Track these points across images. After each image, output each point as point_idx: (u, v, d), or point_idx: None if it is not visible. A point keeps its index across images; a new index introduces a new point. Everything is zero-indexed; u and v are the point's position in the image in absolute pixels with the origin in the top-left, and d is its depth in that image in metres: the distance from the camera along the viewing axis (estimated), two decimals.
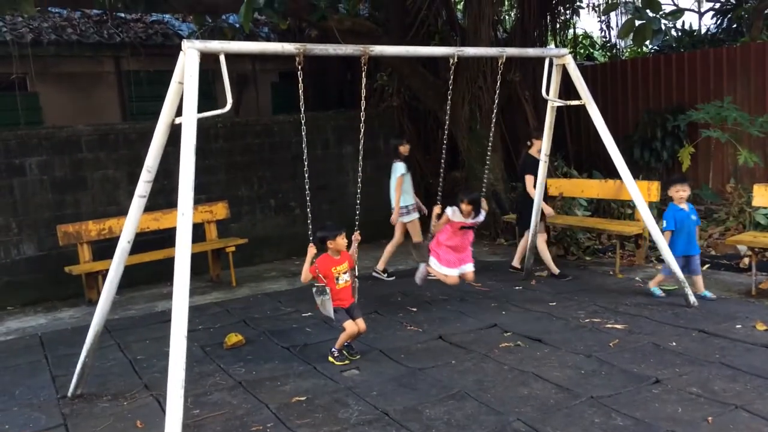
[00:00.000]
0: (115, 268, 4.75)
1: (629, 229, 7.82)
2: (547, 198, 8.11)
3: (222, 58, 4.52)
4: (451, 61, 5.60)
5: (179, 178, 4.18)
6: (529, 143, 7.76)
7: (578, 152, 11.91)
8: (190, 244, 4.07)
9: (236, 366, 5.31)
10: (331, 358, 5.21)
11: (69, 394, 4.83)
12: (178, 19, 12.63)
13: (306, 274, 5.18)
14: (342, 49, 5.01)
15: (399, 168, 8.17)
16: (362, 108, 5.26)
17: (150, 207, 8.74)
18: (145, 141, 9.21)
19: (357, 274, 5.47)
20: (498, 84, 6.38)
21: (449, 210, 6.15)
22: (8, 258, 8.04)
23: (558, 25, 13.44)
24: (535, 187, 7.41)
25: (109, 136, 8.70)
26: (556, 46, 13.14)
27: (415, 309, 6.70)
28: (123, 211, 8.80)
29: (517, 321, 6.08)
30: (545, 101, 6.74)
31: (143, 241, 8.54)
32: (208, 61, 4.51)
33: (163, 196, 9.11)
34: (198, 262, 8.91)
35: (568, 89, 6.95)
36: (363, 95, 5.26)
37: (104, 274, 7.44)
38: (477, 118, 10.49)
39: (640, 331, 5.58)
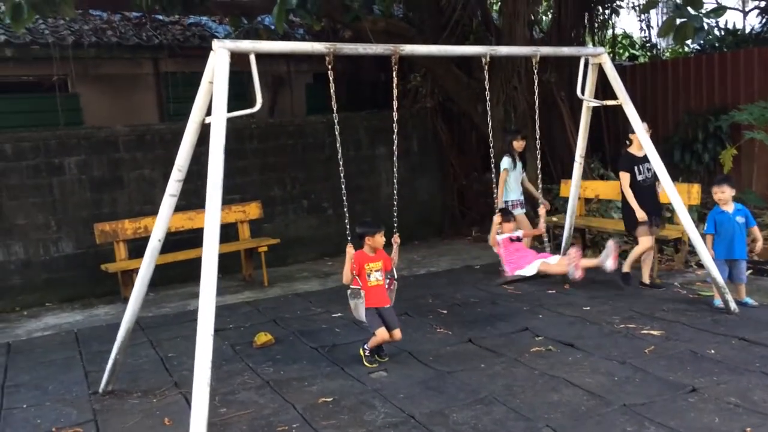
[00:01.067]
0: (146, 266, 4.80)
1: (668, 233, 7.62)
2: (582, 200, 7.94)
3: (252, 58, 4.51)
4: (484, 60, 5.53)
5: (207, 177, 4.13)
6: (627, 141, 7.10)
7: (616, 154, 11.66)
8: (217, 244, 4.05)
9: (265, 365, 5.32)
10: (361, 352, 5.20)
11: (100, 390, 4.90)
12: (214, 22, 12.77)
13: (348, 274, 5.13)
14: (372, 48, 4.98)
15: (504, 162, 7.89)
16: (394, 108, 5.20)
17: (184, 207, 8.90)
18: (180, 141, 9.44)
19: (396, 276, 5.38)
20: (535, 84, 6.24)
21: (498, 237, 6.19)
22: (47, 255, 8.21)
23: (596, 25, 13.23)
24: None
25: (145, 137, 8.84)
26: (594, 46, 12.93)
27: (445, 311, 6.63)
28: (156, 211, 8.97)
29: (549, 325, 5.96)
30: (582, 102, 6.60)
31: (177, 240, 8.69)
32: (243, 63, 4.51)
33: (197, 196, 9.21)
34: (231, 262, 9.05)
35: (605, 89, 6.81)
36: (395, 96, 5.20)
37: (136, 272, 7.62)
38: (512, 119, 10.34)
39: (677, 337, 5.42)
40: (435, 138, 11.41)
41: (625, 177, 6.91)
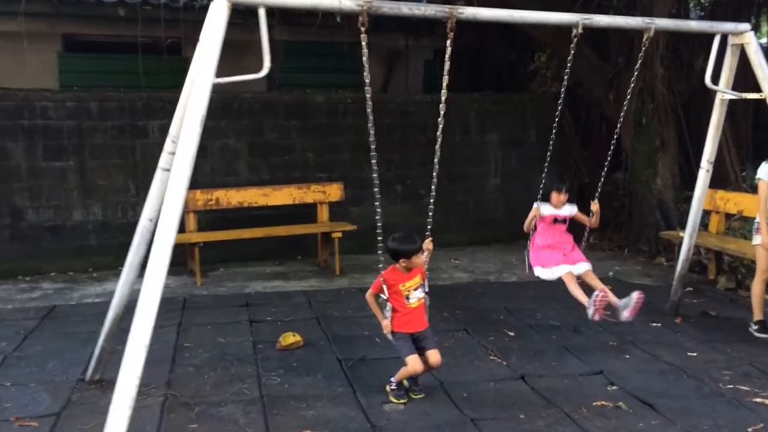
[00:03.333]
0: (135, 248, 4.27)
1: None
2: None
3: (261, 13, 3.79)
4: (574, 31, 4.40)
5: (177, 153, 3.45)
6: None
7: None
8: (173, 233, 3.37)
9: (274, 373, 4.63)
10: (388, 389, 4.27)
11: (87, 378, 4.46)
12: None
13: (370, 296, 4.30)
14: (421, 9, 4.03)
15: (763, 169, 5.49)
16: (444, 89, 4.24)
17: (263, 182, 8.47)
18: (275, 113, 9.03)
19: (428, 289, 4.44)
20: (649, 63, 4.94)
21: (537, 203, 5.46)
22: (125, 218, 8.09)
23: None
24: None
25: (232, 105, 8.45)
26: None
27: (512, 334, 5.57)
28: (240, 183, 8.63)
29: (633, 371, 4.73)
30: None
31: (255, 216, 8.27)
32: (353, 33, 3.80)
33: (283, 172, 8.75)
34: (310, 245, 8.51)
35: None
36: (446, 72, 4.24)
37: (201, 246, 7.26)
38: (647, 110, 8.81)
39: None
40: (557, 128, 10.04)
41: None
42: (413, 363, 4.13)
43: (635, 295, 4.92)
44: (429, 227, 4.41)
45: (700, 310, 6.23)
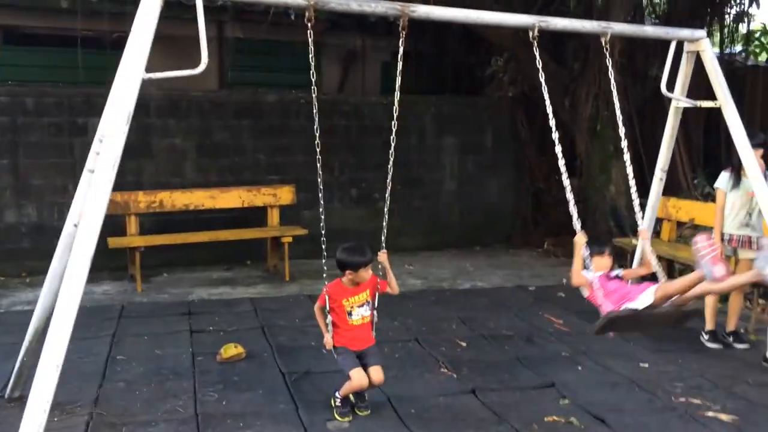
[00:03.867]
0: (59, 255, 3.94)
1: None
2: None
3: (199, 5, 3.52)
4: (531, 34, 4.27)
5: (101, 154, 3.18)
6: None
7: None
8: (94, 241, 3.08)
9: (212, 389, 4.36)
10: (332, 403, 4.03)
11: (5, 395, 4.13)
12: None
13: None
14: (371, 5, 3.83)
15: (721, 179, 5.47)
16: (397, 90, 4.06)
17: (210, 184, 8.16)
18: (223, 112, 8.69)
19: (376, 305, 4.14)
20: (610, 69, 4.78)
21: (588, 274, 4.20)
22: (62, 221, 7.61)
23: (728, 17, 11.18)
24: None
25: (180, 103, 8.12)
26: (723, 41, 10.96)
27: (464, 344, 5.41)
28: (187, 184, 8.29)
29: (586, 384, 4.61)
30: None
31: (204, 219, 7.97)
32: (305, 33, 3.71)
33: (232, 174, 8.45)
34: (260, 249, 8.22)
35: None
36: (399, 72, 4.05)
37: (142, 251, 6.92)
38: (601, 117, 8.78)
39: (755, 430, 3.93)
40: (513, 133, 10.01)
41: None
42: (357, 378, 3.90)
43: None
44: (384, 237, 4.18)
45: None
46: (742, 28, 11.45)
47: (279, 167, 8.65)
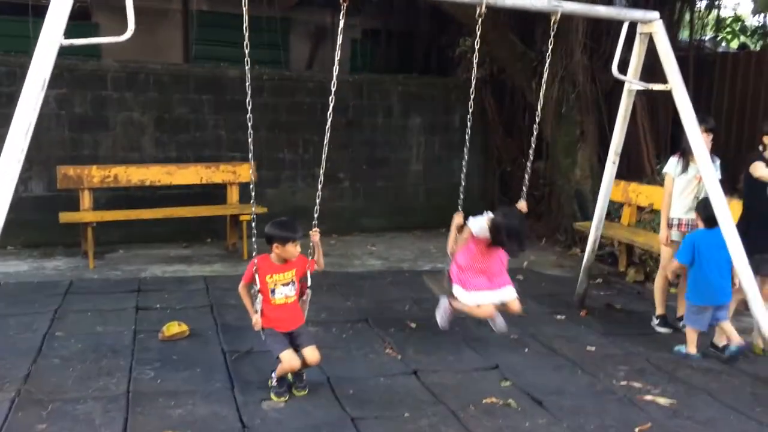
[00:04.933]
0: None
1: None
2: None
3: None
4: (478, 11, 4.19)
5: (11, 126, 3.06)
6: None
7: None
8: (5, 210, 2.98)
9: (149, 367, 4.28)
10: (270, 384, 3.95)
11: None
12: None
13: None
14: None
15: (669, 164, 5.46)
16: (336, 65, 3.98)
17: (170, 159, 8.02)
18: (179, 86, 8.46)
19: (309, 283, 4.09)
20: (549, 48, 4.73)
21: (474, 225, 4.53)
22: (14, 194, 7.47)
23: (699, 3, 11.13)
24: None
25: (138, 75, 7.94)
26: (693, 28, 10.91)
27: (414, 325, 5.37)
28: (145, 160, 8.13)
29: (529, 366, 4.60)
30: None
31: (161, 195, 7.84)
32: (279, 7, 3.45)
33: (192, 150, 8.30)
34: (221, 227, 8.10)
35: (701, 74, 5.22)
36: (338, 46, 3.98)
37: (94, 226, 6.79)
38: (567, 99, 8.73)
39: (691, 414, 3.94)
40: (481, 115, 9.92)
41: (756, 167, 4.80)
42: (288, 359, 3.81)
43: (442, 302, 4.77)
44: (316, 215, 4.13)
45: (605, 303, 6.19)
46: (713, 15, 11.44)
47: (241, 144, 8.50)
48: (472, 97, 4.67)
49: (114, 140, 7.88)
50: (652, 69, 5.79)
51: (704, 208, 4.76)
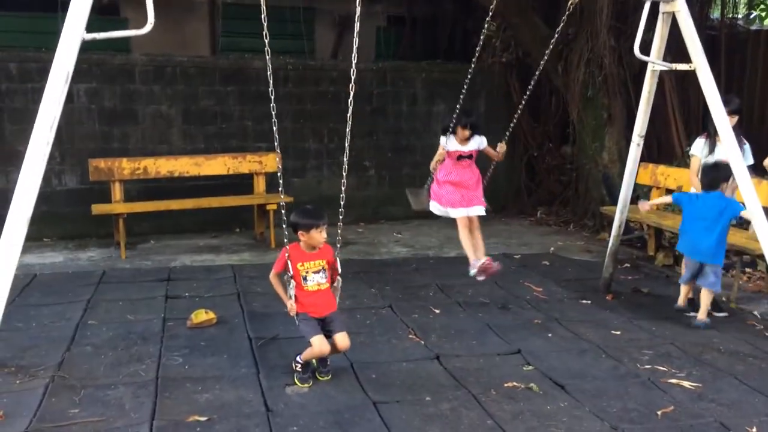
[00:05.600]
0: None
1: (755, 245, 5.86)
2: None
3: None
4: None
5: (36, 119, 3.16)
6: None
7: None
8: (30, 207, 3.08)
9: (178, 353, 4.40)
10: (294, 369, 4.02)
11: None
12: None
13: (274, 277, 4.17)
14: None
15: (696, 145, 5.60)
16: (354, 54, 4.01)
17: (198, 150, 8.14)
18: (206, 78, 8.56)
19: (340, 271, 4.16)
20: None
21: (442, 138, 5.44)
22: (49, 187, 7.71)
23: None
24: None
25: (165, 69, 8.07)
26: (725, 6, 10.67)
27: (438, 311, 5.40)
28: (173, 152, 8.26)
29: (553, 350, 4.60)
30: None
31: (190, 187, 7.96)
32: None
33: (219, 141, 8.42)
34: (248, 217, 8.21)
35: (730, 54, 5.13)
36: (356, 34, 3.99)
37: (125, 217, 6.95)
38: (594, 83, 8.62)
39: (716, 397, 3.91)
40: (507, 99, 9.86)
41: None
42: (318, 344, 3.91)
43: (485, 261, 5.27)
44: (342, 205, 4.21)
45: (633, 287, 6.14)
46: None
47: (266, 134, 8.56)
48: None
49: (143, 133, 8.03)
50: (682, 48, 5.71)
51: (704, 174, 5.05)
